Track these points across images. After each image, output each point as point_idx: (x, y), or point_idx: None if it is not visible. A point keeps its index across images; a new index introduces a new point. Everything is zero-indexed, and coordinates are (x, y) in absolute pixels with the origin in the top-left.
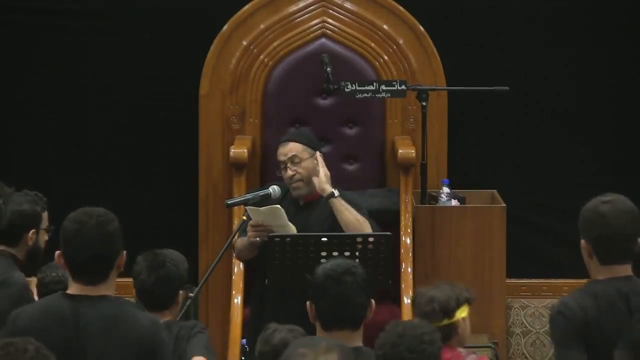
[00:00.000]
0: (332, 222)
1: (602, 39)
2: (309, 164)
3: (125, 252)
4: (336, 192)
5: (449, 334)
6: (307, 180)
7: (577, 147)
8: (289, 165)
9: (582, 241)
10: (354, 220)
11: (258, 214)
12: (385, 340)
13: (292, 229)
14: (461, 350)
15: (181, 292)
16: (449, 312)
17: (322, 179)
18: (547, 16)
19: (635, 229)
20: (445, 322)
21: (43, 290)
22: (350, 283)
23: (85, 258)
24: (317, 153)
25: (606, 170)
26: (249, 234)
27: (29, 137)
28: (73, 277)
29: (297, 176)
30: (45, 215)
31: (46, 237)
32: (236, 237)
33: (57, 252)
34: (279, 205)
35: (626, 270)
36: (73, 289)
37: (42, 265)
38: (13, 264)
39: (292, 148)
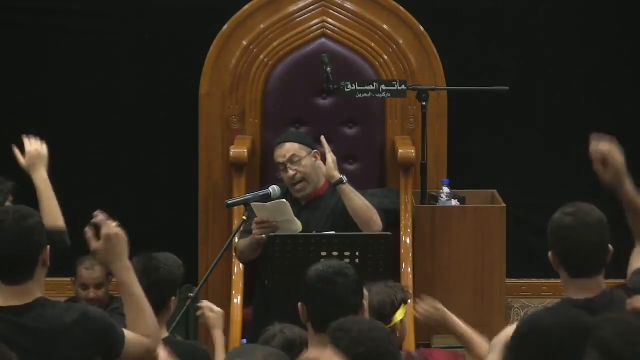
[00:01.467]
0: (334, 220)
1: (602, 39)
2: (308, 162)
3: (49, 247)
4: (344, 179)
5: None
6: (309, 179)
7: (577, 147)
8: (288, 165)
9: (550, 252)
10: (363, 206)
11: (263, 210)
12: None
13: (298, 224)
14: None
15: (173, 298)
16: (385, 318)
17: (331, 165)
18: (547, 16)
19: (601, 239)
20: None
21: None
22: (342, 284)
23: (6, 255)
24: (322, 137)
25: None
26: (255, 231)
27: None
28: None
29: (299, 175)
30: (8, 204)
31: None
32: (237, 239)
33: None
34: (284, 200)
35: (598, 284)
36: (1, 295)
37: None
38: None
39: (289, 148)
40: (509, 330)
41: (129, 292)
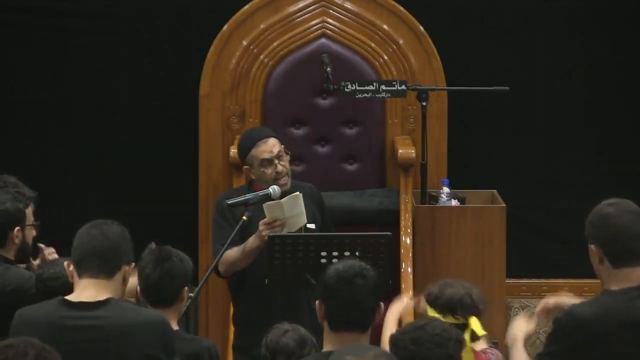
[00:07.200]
0: (312, 213)
1: (603, 39)
2: (287, 157)
3: (133, 264)
4: None
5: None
6: (289, 174)
7: (577, 147)
8: (276, 161)
9: (591, 246)
10: None
11: (277, 208)
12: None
13: (305, 217)
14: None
15: (186, 288)
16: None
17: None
18: (547, 16)
19: None
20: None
21: (41, 286)
22: (362, 286)
23: (97, 245)
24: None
25: (606, 170)
26: (264, 232)
27: (28, 137)
28: (79, 269)
29: (285, 170)
30: (29, 211)
31: (34, 233)
32: (229, 246)
33: (66, 262)
34: (297, 193)
35: (638, 275)
36: (77, 289)
37: (31, 261)
38: (4, 264)
39: (274, 143)
40: (520, 324)
41: None
